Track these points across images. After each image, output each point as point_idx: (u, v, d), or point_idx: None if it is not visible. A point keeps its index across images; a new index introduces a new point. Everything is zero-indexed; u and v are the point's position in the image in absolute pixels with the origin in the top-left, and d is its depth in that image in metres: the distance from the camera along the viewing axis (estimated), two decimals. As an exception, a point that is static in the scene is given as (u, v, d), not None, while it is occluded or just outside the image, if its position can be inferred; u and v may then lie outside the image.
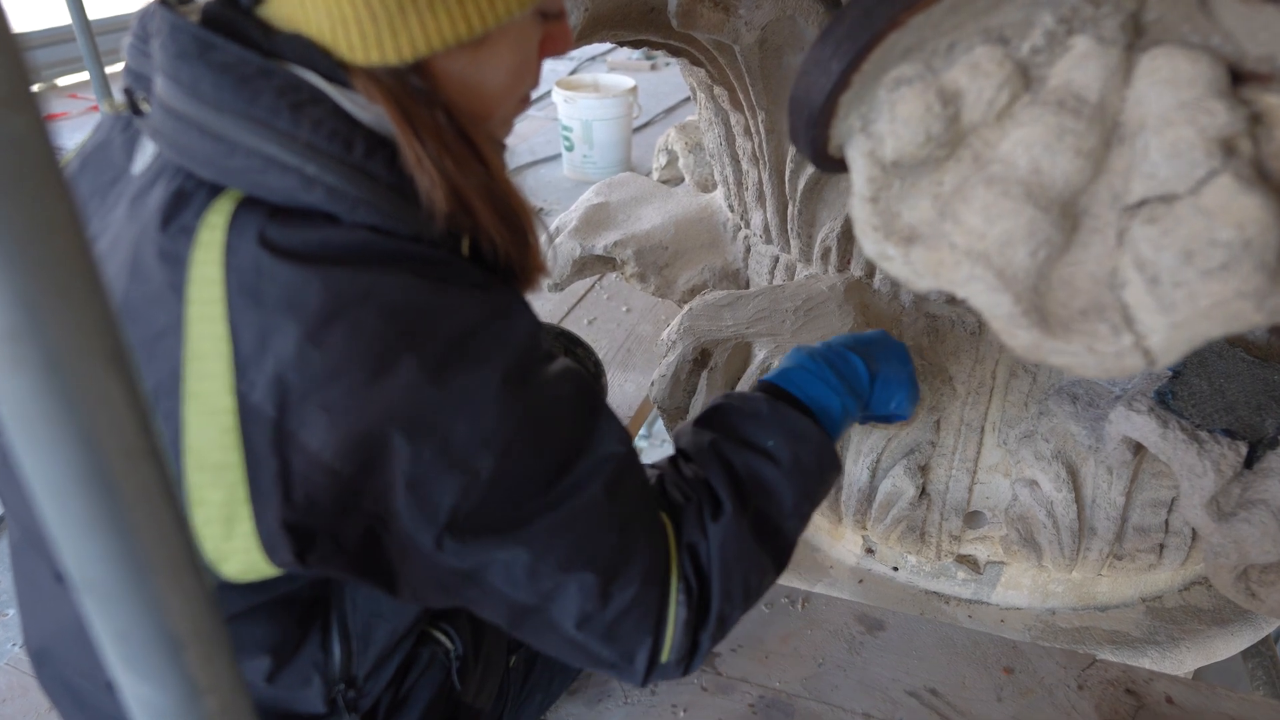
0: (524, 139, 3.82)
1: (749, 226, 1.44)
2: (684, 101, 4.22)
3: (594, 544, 0.64)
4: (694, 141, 1.93)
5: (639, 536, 0.67)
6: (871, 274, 1.25)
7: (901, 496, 1.31)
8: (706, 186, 1.90)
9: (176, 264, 0.57)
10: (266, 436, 0.55)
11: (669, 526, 0.70)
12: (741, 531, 0.71)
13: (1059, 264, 0.57)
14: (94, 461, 0.34)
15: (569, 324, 2.09)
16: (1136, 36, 0.56)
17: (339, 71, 0.57)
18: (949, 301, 1.22)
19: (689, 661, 0.70)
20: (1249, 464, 0.94)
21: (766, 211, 1.34)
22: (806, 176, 1.21)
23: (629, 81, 3.34)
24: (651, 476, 0.75)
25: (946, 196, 0.58)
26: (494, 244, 0.63)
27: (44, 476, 0.33)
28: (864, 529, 1.42)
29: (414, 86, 0.59)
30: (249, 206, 0.57)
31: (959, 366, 1.23)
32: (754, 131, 1.25)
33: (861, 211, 0.60)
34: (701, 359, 1.16)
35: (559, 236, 1.59)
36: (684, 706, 0.98)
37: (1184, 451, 0.94)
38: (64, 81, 5.30)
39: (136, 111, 0.62)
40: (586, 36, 1.05)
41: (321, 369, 0.55)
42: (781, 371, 0.86)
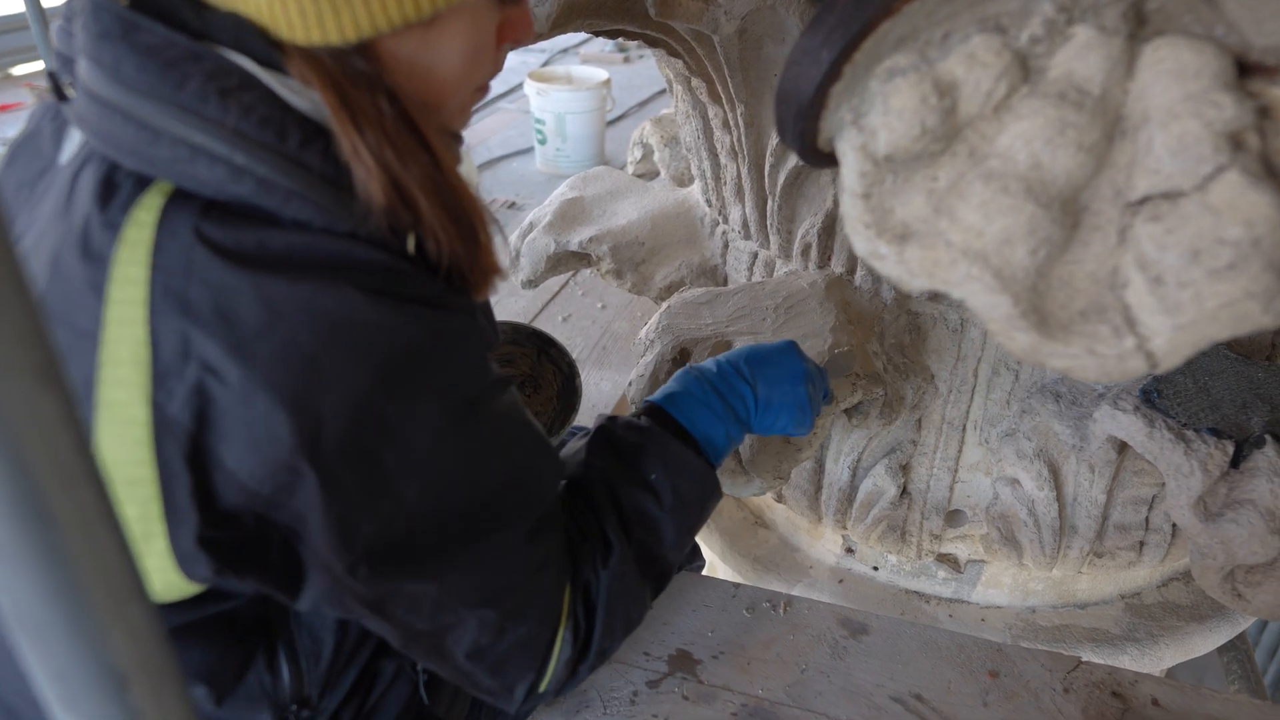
0: (495, 132, 3.77)
1: (727, 222, 1.41)
2: (658, 95, 4.18)
3: (503, 583, 0.63)
4: (670, 135, 1.90)
5: (546, 578, 0.67)
6: (853, 270, 1.23)
7: (883, 496, 1.30)
8: (683, 181, 1.88)
9: (99, 261, 0.53)
10: (182, 451, 0.52)
11: (570, 567, 0.71)
12: (627, 569, 0.72)
13: (1058, 263, 0.55)
14: (24, 486, 0.30)
15: (542, 321, 2.05)
16: (1139, 26, 0.54)
17: (274, 54, 0.53)
18: (931, 298, 1.20)
19: (562, 690, 0.73)
20: (1235, 463, 0.93)
21: (745, 206, 1.32)
22: (787, 171, 1.18)
23: (602, 74, 3.31)
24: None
25: (942, 192, 0.56)
26: (439, 242, 0.59)
27: (-33, 504, 0.29)
28: (844, 528, 1.40)
29: (356, 69, 0.55)
30: (180, 201, 0.53)
31: (941, 364, 1.22)
32: (733, 125, 1.22)
33: (853, 208, 0.57)
34: (680, 358, 1.13)
35: (533, 232, 1.56)
36: (665, 716, 0.95)
37: (1171, 451, 0.92)
38: (19, 70, 5.16)
39: (61, 97, 0.58)
40: (561, 25, 1.01)
41: (246, 384, 0.51)
42: (668, 395, 0.85)
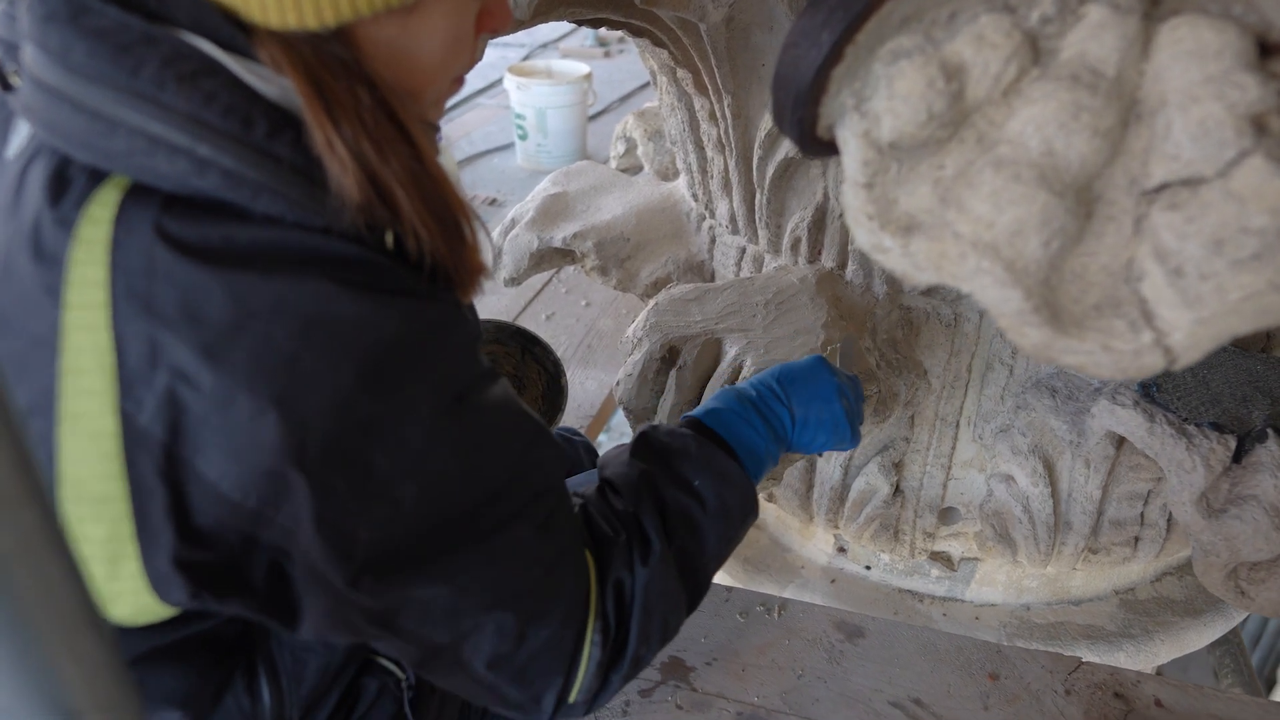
0: (475, 128, 3.72)
1: (714, 216, 1.38)
2: (639, 89, 4.15)
3: (518, 583, 0.59)
4: (653, 129, 1.87)
5: (564, 576, 0.63)
6: (844, 265, 1.20)
7: (875, 494, 1.27)
8: (667, 175, 1.84)
9: (53, 263, 0.49)
10: (155, 463, 0.48)
11: (591, 563, 0.66)
12: (667, 571, 0.68)
13: (1071, 255, 0.52)
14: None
15: (526, 319, 2.02)
16: (1153, 5, 0.51)
17: (239, 38, 0.50)
18: (925, 293, 1.18)
19: (595, 701, 0.67)
20: (1237, 458, 0.91)
21: (733, 200, 1.29)
22: (776, 163, 1.15)
23: (584, 68, 3.27)
24: (574, 505, 0.71)
25: (949, 181, 0.53)
26: (420, 240, 0.55)
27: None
28: (836, 528, 1.38)
29: (334, 56, 0.51)
30: (139, 196, 0.50)
31: (934, 360, 1.19)
32: (720, 116, 1.19)
33: (855, 199, 0.54)
34: (669, 357, 1.10)
35: (515, 228, 1.52)
36: (658, 727, 0.92)
37: (1172, 446, 0.90)
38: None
39: (6, 86, 0.54)
40: (544, 13, 0.98)
41: (221, 389, 0.48)
42: (709, 410, 0.83)
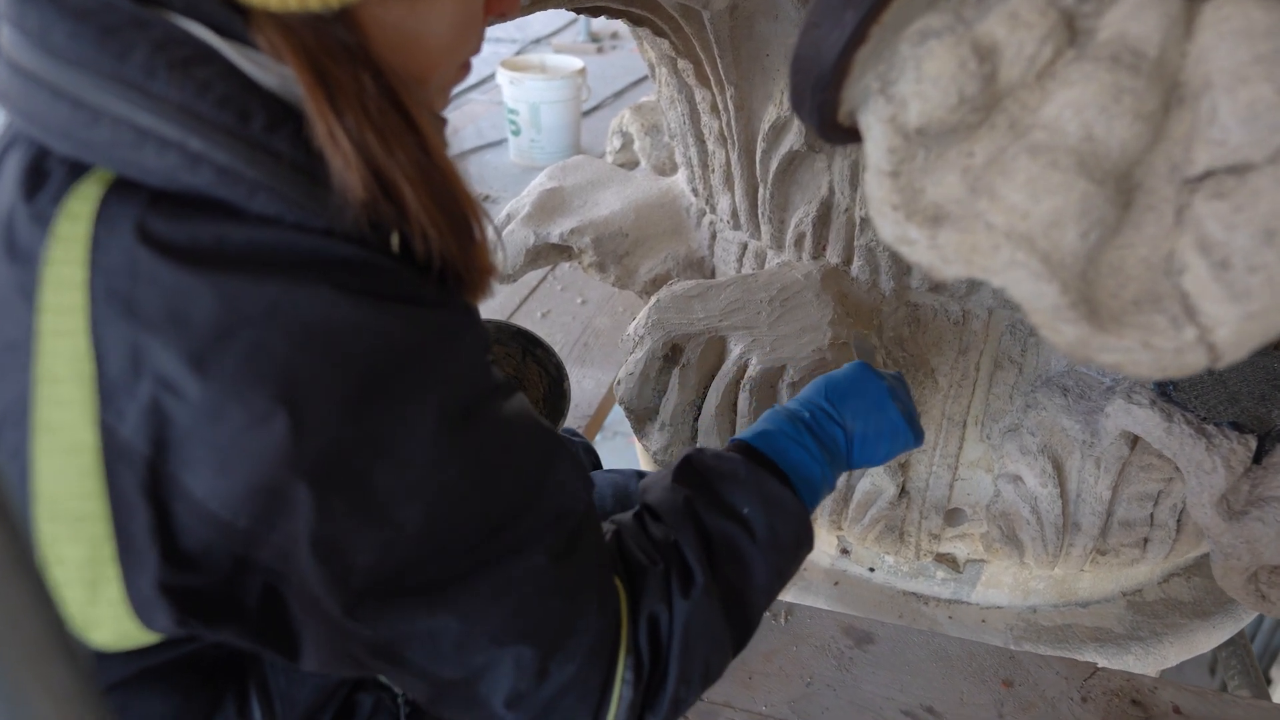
0: (467, 124, 3.68)
1: (715, 211, 1.36)
2: (633, 85, 4.11)
3: (536, 613, 0.55)
4: (650, 123, 1.84)
5: (588, 606, 0.58)
6: (849, 261, 1.17)
7: (881, 495, 1.25)
8: (664, 170, 1.81)
9: (26, 261, 0.45)
10: (138, 480, 0.45)
11: (622, 593, 0.61)
12: (711, 606, 0.62)
13: (1108, 247, 0.49)
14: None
15: (520, 317, 1.98)
16: (1196, -18, 0.48)
17: (235, 22, 0.46)
18: (932, 290, 1.15)
19: None
20: (1257, 458, 0.89)
21: (735, 195, 1.26)
22: (780, 156, 1.12)
23: (577, 62, 3.23)
24: (607, 532, 0.66)
25: (979, 169, 0.50)
26: (428, 240, 0.52)
27: None
28: (840, 529, 1.35)
29: (337, 40, 0.48)
30: (122, 191, 0.46)
31: (941, 358, 1.17)
32: (722, 108, 1.16)
33: (879, 188, 0.51)
34: (672, 355, 1.07)
35: (510, 224, 1.49)
36: (663, 738, 0.89)
37: (1191, 447, 0.88)
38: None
39: None
40: (542, 1, 0.95)
41: (210, 400, 0.44)
42: (759, 433, 0.77)
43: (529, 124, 3.17)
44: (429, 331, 0.50)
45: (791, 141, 1.09)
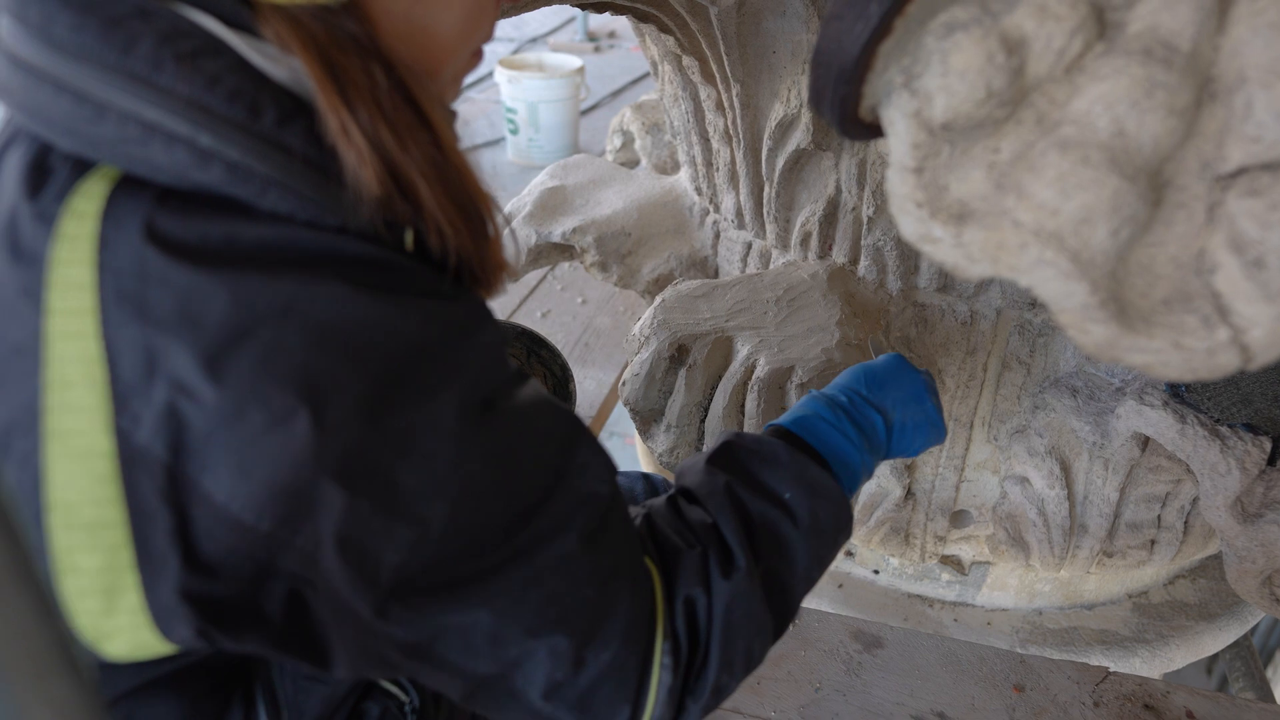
0: (465, 123, 3.67)
1: (719, 210, 1.34)
2: (631, 84, 4.10)
3: (568, 601, 0.53)
4: (652, 121, 1.82)
5: (621, 591, 0.56)
6: (856, 260, 1.16)
7: (887, 497, 1.24)
8: (665, 169, 1.80)
9: (32, 262, 0.44)
10: (157, 485, 0.43)
11: (656, 576, 0.60)
12: (753, 590, 0.61)
13: (1138, 246, 0.48)
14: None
15: (521, 317, 1.97)
16: (1228, -25, 0.47)
17: (243, 13, 0.45)
18: (939, 290, 1.14)
19: None
20: (1271, 460, 0.88)
21: (739, 194, 1.25)
22: (786, 155, 1.11)
23: (576, 61, 3.22)
24: (637, 515, 0.64)
25: (1005, 166, 0.49)
26: (443, 237, 0.51)
27: None
28: (844, 531, 1.34)
29: (345, 32, 0.46)
30: (129, 188, 0.45)
31: (949, 359, 1.15)
32: (727, 106, 1.15)
33: (902, 185, 0.50)
34: (678, 355, 1.06)
35: (511, 223, 1.47)
36: (671, 744, 0.88)
37: (1205, 449, 0.87)
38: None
39: None
40: (548, -5, 0.93)
41: (227, 402, 0.43)
42: (797, 419, 0.75)
43: (527, 123, 3.15)
44: (447, 326, 0.49)
45: (798, 139, 1.08)
